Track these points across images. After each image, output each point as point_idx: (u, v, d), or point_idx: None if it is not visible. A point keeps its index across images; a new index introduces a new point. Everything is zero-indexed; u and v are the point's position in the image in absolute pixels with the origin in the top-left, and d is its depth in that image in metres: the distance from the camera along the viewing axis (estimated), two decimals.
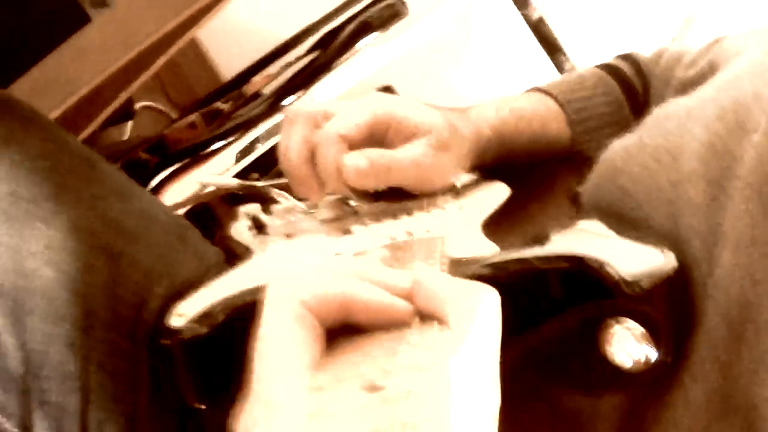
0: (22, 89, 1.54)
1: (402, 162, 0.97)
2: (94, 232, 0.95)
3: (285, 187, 1.14)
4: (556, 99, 1.20)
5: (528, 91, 1.23)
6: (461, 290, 0.57)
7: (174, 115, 2.44)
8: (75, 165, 0.97)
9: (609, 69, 1.29)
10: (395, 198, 1.06)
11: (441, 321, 0.55)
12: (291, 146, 0.98)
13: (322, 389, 0.48)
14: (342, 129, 0.97)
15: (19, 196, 0.92)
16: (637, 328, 0.72)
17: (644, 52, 1.34)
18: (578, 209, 0.98)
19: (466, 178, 1.11)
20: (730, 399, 0.76)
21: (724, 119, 0.87)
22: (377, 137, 1.00)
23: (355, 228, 0.98)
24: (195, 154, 1.93)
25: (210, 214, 1.80)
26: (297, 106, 1.02)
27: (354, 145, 0.98)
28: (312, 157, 0.98)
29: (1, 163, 0.92)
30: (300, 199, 1.12)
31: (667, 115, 0.98)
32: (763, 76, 0.90)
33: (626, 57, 1.32)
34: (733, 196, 0.81)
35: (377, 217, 1.01)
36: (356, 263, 0.63)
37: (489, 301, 0.56)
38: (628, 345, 0.72)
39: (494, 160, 1.10)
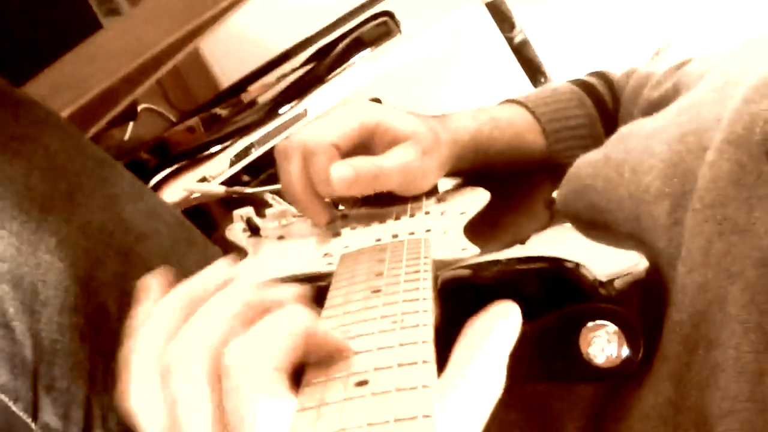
0: (36, 88, 1.54)
1: (388, 168, 0.96)
2: (106, 230, 0.95)
3: (277, 192, 1.14)
4: (530, 110, 1.20)
5: (503, 102, 1.22)
6: None
7: (174, 118, 2.43)
8: (89, 166, 0.98)
9: (582, 84, 1.28)
10: (382, 202, 1.06)
11: None
12: (293, 180, 0.97)
13: (313, 385, 0.49)
14: (330, 138, 0.96)
15: (36, 194, 0.92)
16: (612, 327, 0.72)
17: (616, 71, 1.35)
18: (553, 215, 0.98)
19: (449, 184, 1.11)
20: (682, 410, 0.76)
21: (685, 141, 0.88)
22: (364, 143, 1.00)
23: (344, 231, 0.98)
24: (193, 157, 1.93)
25: (208, 216, 1.80)
26: (286, 141, 1.00)
27: (344, 152, 0.98)
28: (311, 184, 0.97)
29: (19, 162, 0.92)
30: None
31: (630, 133, 0.98)
32: (723, 101, 0.90)
33: (598, 74, 1.32)
34: (690, 215, 0.81)
35: (365, 220, 1.00)
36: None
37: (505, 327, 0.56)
38: (602, 343, 0.72)
39: (471, 166, 1.10)
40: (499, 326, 0.55)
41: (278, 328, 0.54)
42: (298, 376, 0.54)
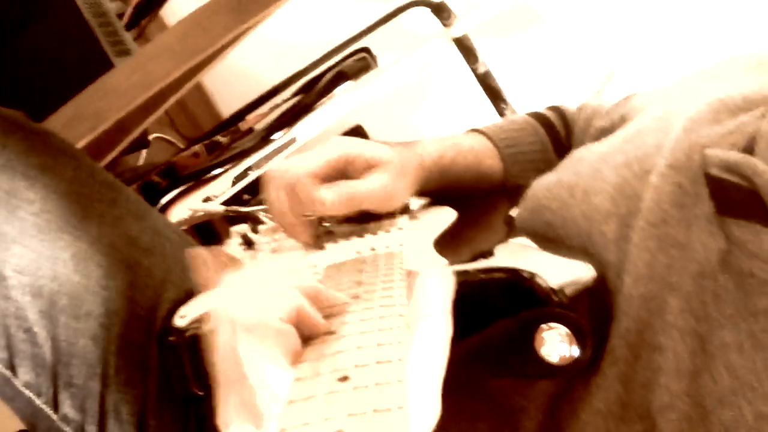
0: (56, 121, 1.53)
1: (366, 191, 0.97)
2: (116, 246, 0.95)
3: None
4: (490, 138, 1.20)
5: (467, 131, 1.23)
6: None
7: (181, 145, 2.43)
8: (100, 190, 0.97)
9: (538, 116, 1.28)
10: (361, 220, 1.06)
11: None
12: (280, 207, 0.97)
13: (301, 380, 0.48)
14: (311, 168, 0.96)
15: (53, 215, 0.92)
16: (563, 329, 0.72)
17: (571, 103, 1.35)
18: (512, 231, 0.98)
19: (421, 203, 1.11)
20: (628, 406, 0.76)
21: (630, 167, 0.88)
22: (342, 172, 1.00)
23: (328, 245, 0.98)
24: (198, 179, 1.93)
25: (212, 232, 1.80)
26: (272, 172, 1.00)
27: (324, 179, 0.98)
28: (296, 208, 0.98)
29: (38, 188, 0.92)
30: None
31: (580, 158, 0.98)
32: (663, 130, 0.91)
33: (554, 108, 1.32)
34: (636, 233, 0.81)
35: (346, 235, 1.00)
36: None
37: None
38: (555, 343, 0.72)
39: (437, 186, 1.10)
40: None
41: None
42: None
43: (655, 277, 0.78)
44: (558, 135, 1.26)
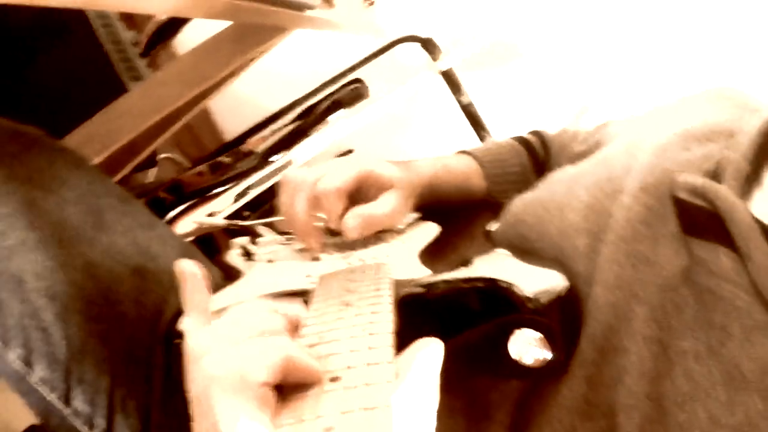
0: (73, 140, 1.54)
1: (383, 215, 0.96)
2: (125, 254, 0.95)
3: (267, 224, 1.14)
4: (477, 160, 1.20)
5: (456, 153, 1.23)
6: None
7: (187, 164, 2.43)
8: (111, 202, 0.97)
9: (520, 140, 1.29)
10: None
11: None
12: (298, 214, 0.96)
13: (282, 427, 0.48)
14: (338, 185, 0.95)
15: (67, 224, 0.92)
16: (537, 334, 0.72)
17: (550, 130, 1.36)
18: (491, 243, 0.98)
19: (407, 218, 1.11)
20: (594, 404, 0.76)
21: (600, 187, 0.88)
22: (359, 188, 0.99)
23: (322, 256, 0.98)
24: (202, 195, 1.93)
25: (213, 243, 1.79)
26: (293, 174, 0.99)
27: (345, 194, 0.97)
28: (313, 216, 0.97)
29: (53, 199, 0.92)
30: (280, 234, 1.13)
31: (556, 179, 0.99)
32: (633, 154, 0.91)
33: (535, 132, 1.32)
34: (606, 246, 0.81)
35: (339, 247, 1.01)
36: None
37: (433, 349, 0.55)
38: (530, 348, 0.72)
39: (427, 202, 1.10)
40: (422, 353, 0.55)
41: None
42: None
43: (624, 287, 0.78)
44: (538, 157, 1.27)
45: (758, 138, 0.85)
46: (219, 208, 1.93)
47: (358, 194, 0.99)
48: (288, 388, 0.52)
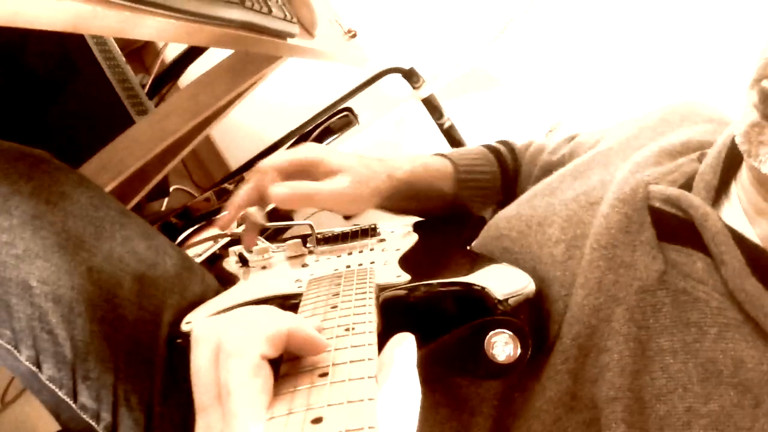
0: (87, 168, 1.54)
1: (321, 190, 0.95)
2: (124, 261, 0.95)
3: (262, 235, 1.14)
4: (452, 162, 1.20)
5: (434, 154, 1.23)
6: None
7: (197, 194, 2.44)
8: (111, 214, 0.97)
9: (491, 148, 1.29)
10: (339, 242, 1.06)
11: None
12: (240, 194, 0.96)
13: (274, 418, 0.47)
14: (276, 163, 0.95)
15: (71, 234, 0.91)
16: (508, 333, 0.72)
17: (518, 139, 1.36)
18: (468, 252, 0.98)
19: (390, 229, 1.11)
20: (577, 397, 0.77)
21: (577, 200, 0.90)
22: (306, 172, 0.98)
23: (311, 263, 0.98)
24: (209, 219, 1.93)
25: (214, 253, 1.80)
26: (260, 163, 0.99)
27: (288, 177, 0.97)
28: (254, 199, 0.96)
29: (58, 211, 0.92)
30: (272, 242, 1.13)
31: (536, 193, 0.99)
32: (606, 167, 0.93)
33: (504, 142, 1.33)
34: (585, 253, 0.82)
35: (326, 255, 1.01)
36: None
37: (407, 343, 0.55)
38: (502, 345, 0.72)
39: (401, 198, 1.10)
40: (399, 349, 0.54)
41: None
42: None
43: (604, 290, 0.78)
44: (507, 167, 1.27)
45: (725, 152, 0.86)
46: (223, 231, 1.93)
47: (305, 176, 0.98)
48: (281, 382, 0.52)
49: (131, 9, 0.79)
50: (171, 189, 2.36)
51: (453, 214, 1.20)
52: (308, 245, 1.06)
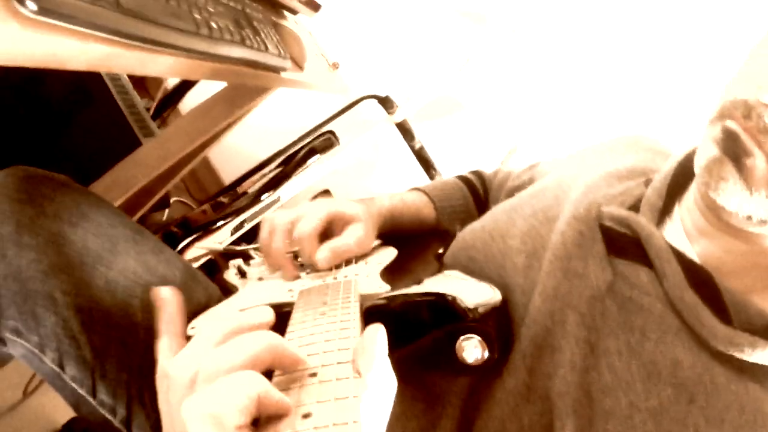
0: (98, 186, 1.53)
1: (350, 244, 0.95)
2: (137, 274, 0.94)
3: (259, 249, 1.13)
4: (428, 195, 1.21)
5: (410, 189, 1.23)
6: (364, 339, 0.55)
7: (194, 205, 2.43)
8: (125, 232, 0.97)
9: (462, 178, 1.30)
10: None
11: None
12: (275, 248, 0.95)
13: (279, 376, 0.48)
14: (311, 230, 0.94)
15: (90, 250, 0.92)
16: (477, 338, 0.73)
17: (487, 168, 1.37)
18: (441, 264, 0.99)
19: (372, 244, 1.11)
20: (533, 389, 0.77)
21: (535, 216, 0.90)
22: (329, 225, 0.99)
23: (302, 275, 0.98)
24: (206, 229, 1.93)
25: (215, 265, 1.79)
26: (272, 216, 0.98)
27: (318, 235, 0.96)
28: (288, 252, 0.96)
29: (78, 231, 0.92)
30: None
31: (500, 210, 0.99)
32: (564, 189, 0.93)
33: (475, 172, 1.34)
34: (545, 264, 0.82)
35: (315, 269, 1.01)
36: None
37: (380, 335, 0.55)
38: (471, 349, 0.73)
39: (388, 230, 1.10)
40: (371, 341, 0.54)
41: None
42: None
43: (559, 297, 0.79)
44: (478, 193, 1.28)
45: (669, 178, 0.87)
46: (220, 239, 1.92)
47: (329, 230, 0.99)
48: (274, 385, 0.51)
49: (148, 50, 0.79)
50: (171, 201, 2.35)
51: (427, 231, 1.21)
52: (299, 259, 1.07)
